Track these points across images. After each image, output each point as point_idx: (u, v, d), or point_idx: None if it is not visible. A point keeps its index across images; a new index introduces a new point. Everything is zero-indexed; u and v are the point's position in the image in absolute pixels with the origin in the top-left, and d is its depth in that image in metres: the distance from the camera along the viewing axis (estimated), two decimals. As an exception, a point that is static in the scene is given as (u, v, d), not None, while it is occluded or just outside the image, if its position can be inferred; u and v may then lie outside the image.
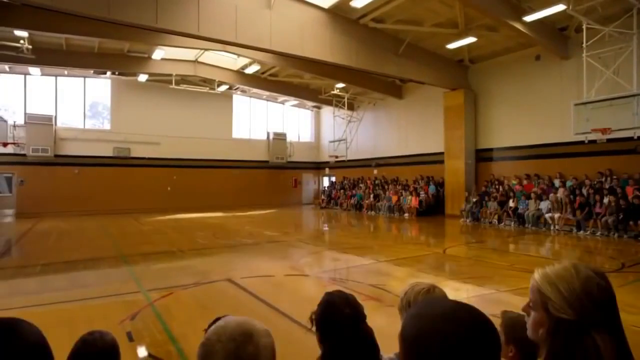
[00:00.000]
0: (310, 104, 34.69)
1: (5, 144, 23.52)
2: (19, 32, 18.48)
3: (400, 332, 1.07)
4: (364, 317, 2.06)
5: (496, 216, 19.26)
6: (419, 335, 0.99)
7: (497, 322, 1.41)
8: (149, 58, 24.15)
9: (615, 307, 1.19)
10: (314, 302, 2.19)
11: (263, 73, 27.71)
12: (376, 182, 28.86)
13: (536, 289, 1.23)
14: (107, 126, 28.66)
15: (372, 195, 27.49)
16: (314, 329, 2.05)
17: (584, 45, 14.72)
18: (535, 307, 1.24)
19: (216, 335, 1.20)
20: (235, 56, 23.06)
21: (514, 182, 20.23)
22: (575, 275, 1.18)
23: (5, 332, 1.18)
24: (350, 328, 1.97)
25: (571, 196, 16.86)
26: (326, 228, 20.95)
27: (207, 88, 29.26)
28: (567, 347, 1.13)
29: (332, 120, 32.08)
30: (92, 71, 25.95)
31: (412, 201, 23.85)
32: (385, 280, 8.74)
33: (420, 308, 1.08)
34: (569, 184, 17.72)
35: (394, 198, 25.19)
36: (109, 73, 26.70)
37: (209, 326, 2.19)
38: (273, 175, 34.56)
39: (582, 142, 15.84)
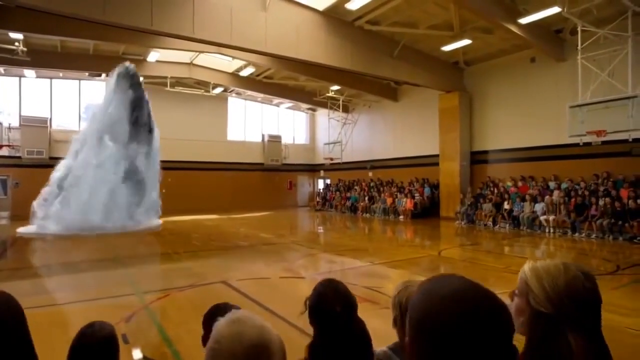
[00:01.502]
0: (305, 106, 34.68)
1: (0, 147, 23.42)
2: (13, 35, 18.44)
3: (408, 307, 1.04)
4: (354, 307, 2.07)
5: (491, 218, 19.29)
6: (426, 315, 0.97)
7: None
8: (144, 60, 24.10)
9: (597, 310, 1.20)
10: (309, 304, 2.20)
11: (258, 75, 27.71)
12: (371, 184, 28.87)
13: (523, 279, 1.25)
14: (102, 128, 28.54)
15: (367, 198, 27.50)
16: (307, 313, 2.07)
17: (579, 47, 14.77)
18: (519, 295, 1.26)
19: (230, 346, 1.10)
20: (230, 58, 23.03)
21: (508, 184, 20.25)
22: (562, 273, 1.20)
23: None
24: (340, 320, 1.99)
25: (566, 198, 16.90)
26: (321, 230, 20.95)
27: (202, 90, 29.24)
28: (543, 339, 1.14)
29: (327, 123, 32.08)
30: (87, 74, 25.91)
31: (407, 203, 23.87)
32: (380, 283, 8.74)
33: (431, 284, 1.03)
34: (564, 186, 17.76)
35: (389, 200, 25.20)
36: (103, 75, 26.66)
37: (208, 317, 2.15)
38: (268, 177, 34.54)
39: (577, 145, 15.88)
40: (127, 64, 17.42)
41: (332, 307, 2.01)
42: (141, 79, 18.94)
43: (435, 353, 0.93)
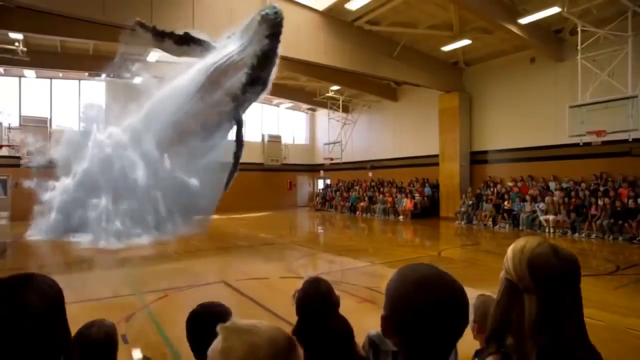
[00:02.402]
0: (305, 106, 34.64)
1: (0, 147, 23.41)
2: (13, 35, 18.41)
3: (387, 283, 1.25)
4: (335, 306, 2.37)
5: (491, 218, 19.28)
6: (397, 297, 1.20)
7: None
8: (144, 60, 24.04)
9: (557, 282, 1.32)
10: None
11: (258, 75, 27.65)
12: (371, 184, 28.86)
13: (506, 255, 1.46)
14: (101, 129, 28.50)
15: (367, 198, 27.49)
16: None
17: (578, 47, 14.79)
18: (504, 269, 1.45)
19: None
20: (230, 58, 22.99)
21: (509, 183, 20.23)
22: (532, 250, 1.37)
23: (19, 287, 1.17)
24: (319, 317, 2.27)
25: (566, 198, 16.89)
26: (321, 230, 20.94)
27: (202, 90, 29.13)
28: (503, 296, 1.37)
29: (327, 123, 32.08)
30: (87, 74, 25.89)
31: (407, 203, 23.86)
32: (380, 283, 8.71)
33: (406, 270, 1.24)
34: (565, 185, 17.75)
35: (389, 200, 25.18)
36: (103, 75, 26.63)
37: (193, 319, 2.12)
38: (268, 177, 34.45)
39: (577, 145, 15.89)
40: (277, 6, 13.89)
41: (312, 304, 2.27)
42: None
43: (402, 328, 1.17)
